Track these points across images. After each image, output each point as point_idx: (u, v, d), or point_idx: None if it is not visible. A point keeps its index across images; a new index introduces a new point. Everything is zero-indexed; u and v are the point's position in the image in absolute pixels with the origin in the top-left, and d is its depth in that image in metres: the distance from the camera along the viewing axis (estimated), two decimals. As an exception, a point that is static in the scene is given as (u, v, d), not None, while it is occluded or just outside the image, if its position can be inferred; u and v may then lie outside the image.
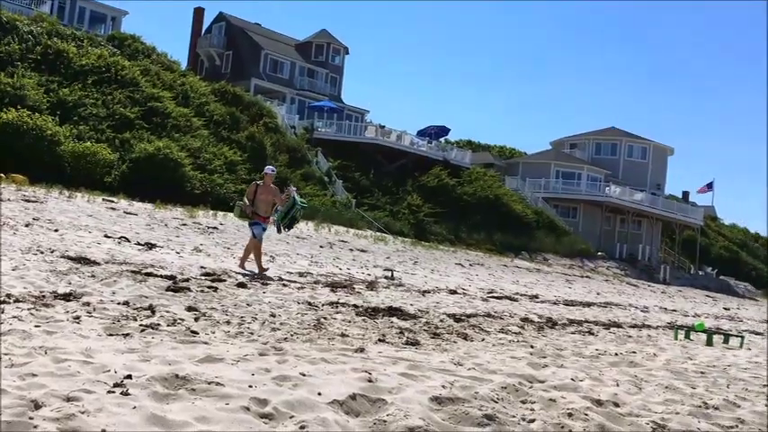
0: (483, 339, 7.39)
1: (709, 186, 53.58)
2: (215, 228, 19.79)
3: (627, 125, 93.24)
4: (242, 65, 52.61)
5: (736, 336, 11.66)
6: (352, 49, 60.38)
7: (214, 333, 5.57)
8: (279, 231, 12.92)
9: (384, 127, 46.44)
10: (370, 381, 4.17)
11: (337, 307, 8.22)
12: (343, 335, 6.25)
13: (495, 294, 14.47)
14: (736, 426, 4.69)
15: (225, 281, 9.24)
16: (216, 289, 8.28)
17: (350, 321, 7.25)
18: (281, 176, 35.13)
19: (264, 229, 11.78)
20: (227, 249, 14.82)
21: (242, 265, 11.54)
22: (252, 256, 11.68)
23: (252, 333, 5.76)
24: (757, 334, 15.08)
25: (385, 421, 3.42)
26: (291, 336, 5.86)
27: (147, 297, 6.89)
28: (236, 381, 3.80)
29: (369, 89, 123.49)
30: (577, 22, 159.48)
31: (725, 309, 26.10)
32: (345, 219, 32.16)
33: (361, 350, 5.42)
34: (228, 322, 6.15)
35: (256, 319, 6.54)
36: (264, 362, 4.44)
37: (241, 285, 9.03)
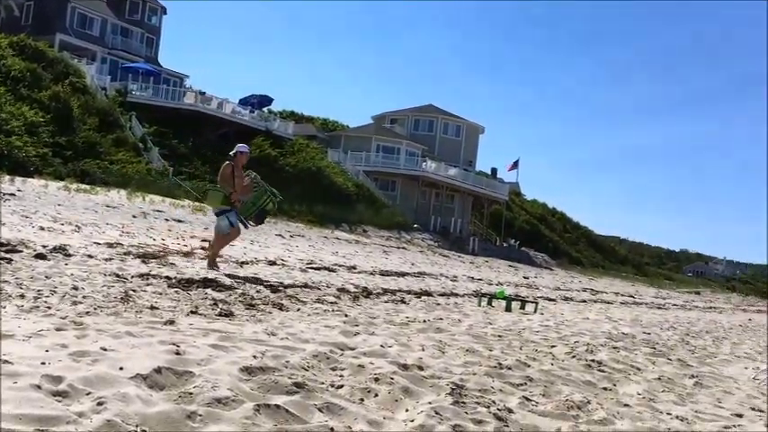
0: (299, 309, 7.46)
1: (515, 164, 57.63)
2: (12, 194, 18.12)
3: (444, 103, 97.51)
4: (45, 18, 48.23)
5: (532, 302, 12.73)
6: (170, 10, 57.38)
7: (5, 308, 5.12)
8: (246, 226, 10.89)
9: (204, 93, 44.90)
10: (177, 353, 4.06)
11: (148, 279, 7.88)
12: (152, 307, 6.01)
13: (313, 265, 14.61)
14: (525, 383, 5.14)
15: (21, 251, 8.50)
16: (9, 260, 7.61)
17: (161, 293, 6.99)
18: (89, 142, 32.89)
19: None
20: (26, 218, 13.64)
21: (213, 265, 9.98)
22: (213, 245, 10.49)
23: (49, 307, 5.37)
24: (550, 300, 16.58)
25: (191, 393, 3.35)
26: (95, 309, 5.54)
27: (-76, 270, 6.17)
28: (28, 358, 3.53)
29: (188, 54, 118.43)
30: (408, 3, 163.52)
31: (524, 278, 28.36)
32: (162, 187, 30.81)
33: (171, 322, 5.25)
34: (23, 296, 5.68)
35: (56, 292, 6.10)
36: (61, 337, 4.16)
37: (40, 256, 8.37)
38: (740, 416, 5.55)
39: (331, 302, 8.53)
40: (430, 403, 4.03)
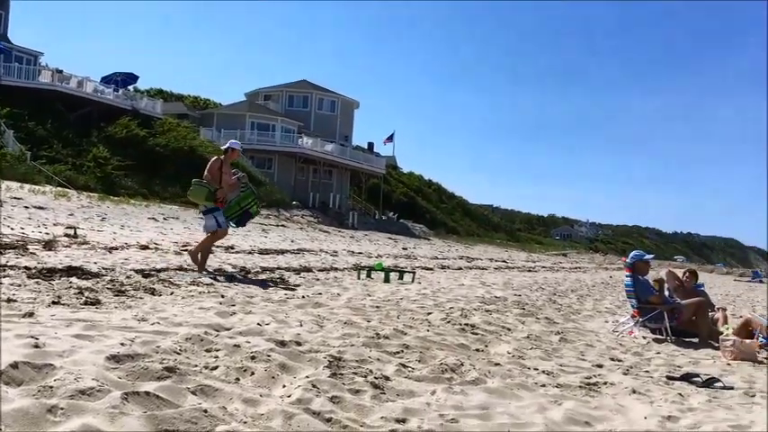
0: (172, 293, 7.23)
1: (391, 138, 58.32)
2: None
3: (318, 79, 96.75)
4: None
5: (410, 272, 13.01)
6: (20, -18, 53.13)
7: None
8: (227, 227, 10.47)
9: (62, 71, 42.15)
10: (37, 346, 3.83)
11: (5, 270, 7.37)
12: (9, 300, 5.62)
13: (189, 248, 14.19)
14: (402, 351, 5.27)
15: None
16: None
17: (20, 285, 6.55)
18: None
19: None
20: None
21: (202, 265, 9.53)
22: (199, 244, 9.99)
23: None
24: (428, 269, 17.00)
25: (52, 387, 3.17)
26: (-58, 306, 5.11)
27: None
28: None
29: (43, 30, 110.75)
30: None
31: (404, 249, 28.92)
32: (19, 173, 28.76)
33: (30, 314, 4.94)
34: None
35: None
36: None
37: None
38: (600, 366, 5.96)
39: (207, 284, 8.33)
40: (307, 377, 4.04)
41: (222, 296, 7.33)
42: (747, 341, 7.28)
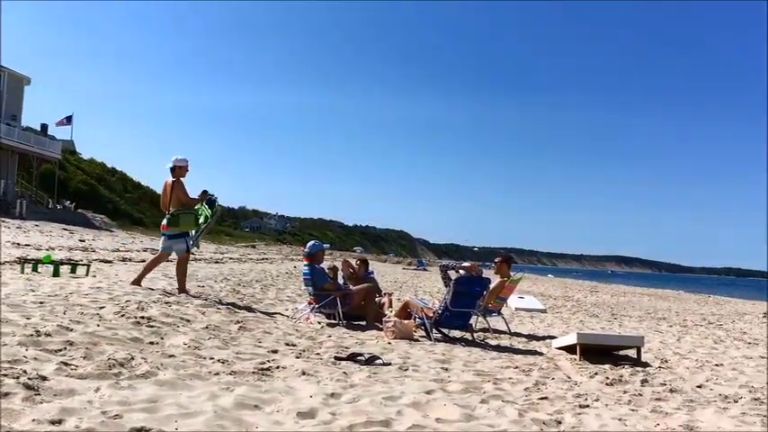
0: None
1: (68, 120, 53.38)
2: None
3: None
4: None
5: (84, 265, 12.10)
6: None
7: None
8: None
9: None
10: None
11: None
12: None
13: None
14: (65, 348, 4.88)
15: None
16: None
17: None
18: None
19: None
20: None
21: (183, 287, 9.60)
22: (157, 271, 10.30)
23: None
24: (107, 262, 15.98)
25: None
26: None
27: None
28: None
29: None
30: None
31: (81, 241, 26.78)
32: None
33: None
34: None
35: None
36: None
37: None
38: (275, 351, 6.19)
39: None
40: (-59, 384, 3.54)
41: None
42: (406, 321, 8.15)
